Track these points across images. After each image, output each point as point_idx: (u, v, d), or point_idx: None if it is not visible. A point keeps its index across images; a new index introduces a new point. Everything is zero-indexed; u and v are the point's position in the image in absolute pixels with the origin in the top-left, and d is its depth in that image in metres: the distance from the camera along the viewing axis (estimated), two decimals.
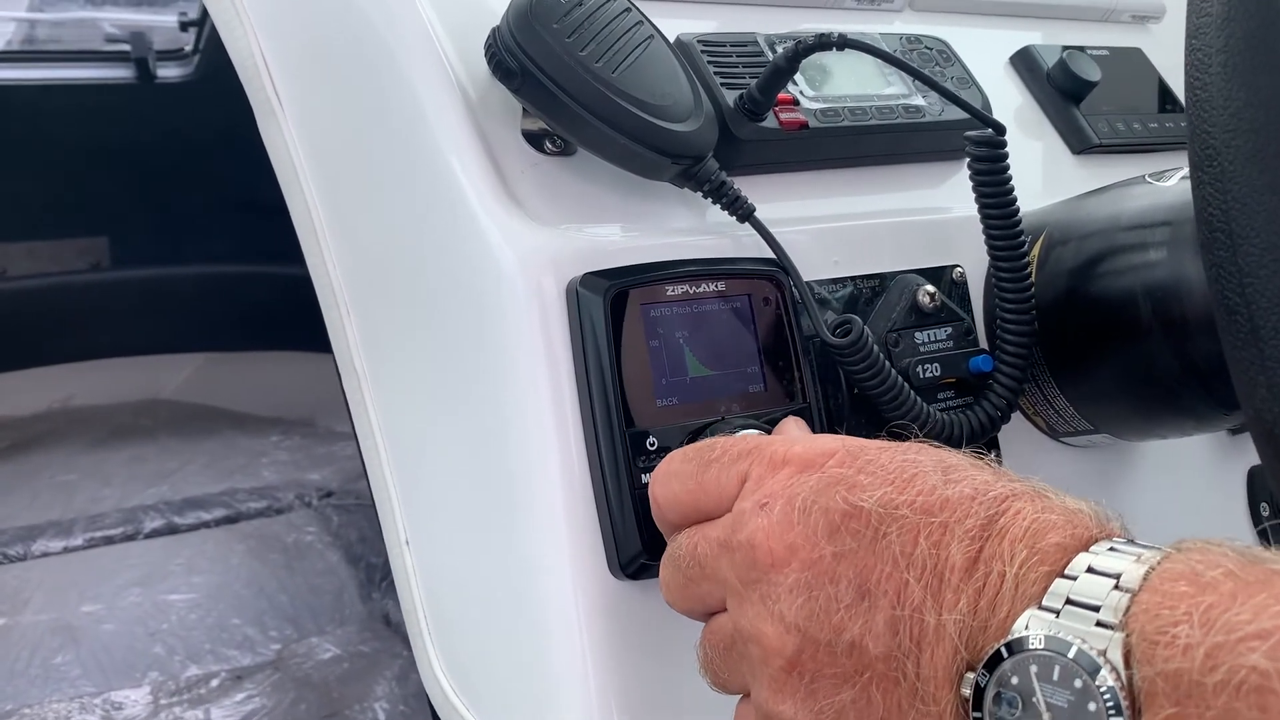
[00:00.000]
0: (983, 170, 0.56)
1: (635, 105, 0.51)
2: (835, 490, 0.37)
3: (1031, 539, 0.34)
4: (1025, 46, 0.77)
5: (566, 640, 0.49)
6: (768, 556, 0.37)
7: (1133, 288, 0.55)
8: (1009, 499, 0.36)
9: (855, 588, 0.35)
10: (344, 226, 0.62)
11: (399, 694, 1.45)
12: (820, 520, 0.37)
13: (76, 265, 2.20)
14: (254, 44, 0.62)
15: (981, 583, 0.34)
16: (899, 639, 0.35)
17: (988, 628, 0.33)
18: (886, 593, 0.35)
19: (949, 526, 0.35)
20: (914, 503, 0.36)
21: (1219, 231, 0.37)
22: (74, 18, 2.09)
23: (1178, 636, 0.29)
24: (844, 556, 0.36)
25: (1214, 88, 0.37)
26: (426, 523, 0.59)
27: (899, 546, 0.35)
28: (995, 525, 0.35)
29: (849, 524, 0.36)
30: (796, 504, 0.37)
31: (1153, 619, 0.30)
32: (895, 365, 0.56)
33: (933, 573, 0.34)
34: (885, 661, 0.35)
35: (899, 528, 0.36)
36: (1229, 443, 0.72)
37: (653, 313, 0.51)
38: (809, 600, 0.36)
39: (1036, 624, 0.32)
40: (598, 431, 0.49)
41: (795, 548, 0.37)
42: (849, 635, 0.35)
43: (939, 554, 0.35)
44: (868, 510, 0.36)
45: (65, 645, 1.55)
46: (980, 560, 0.34)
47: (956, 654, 0.34)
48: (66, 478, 1.99)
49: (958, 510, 0.35)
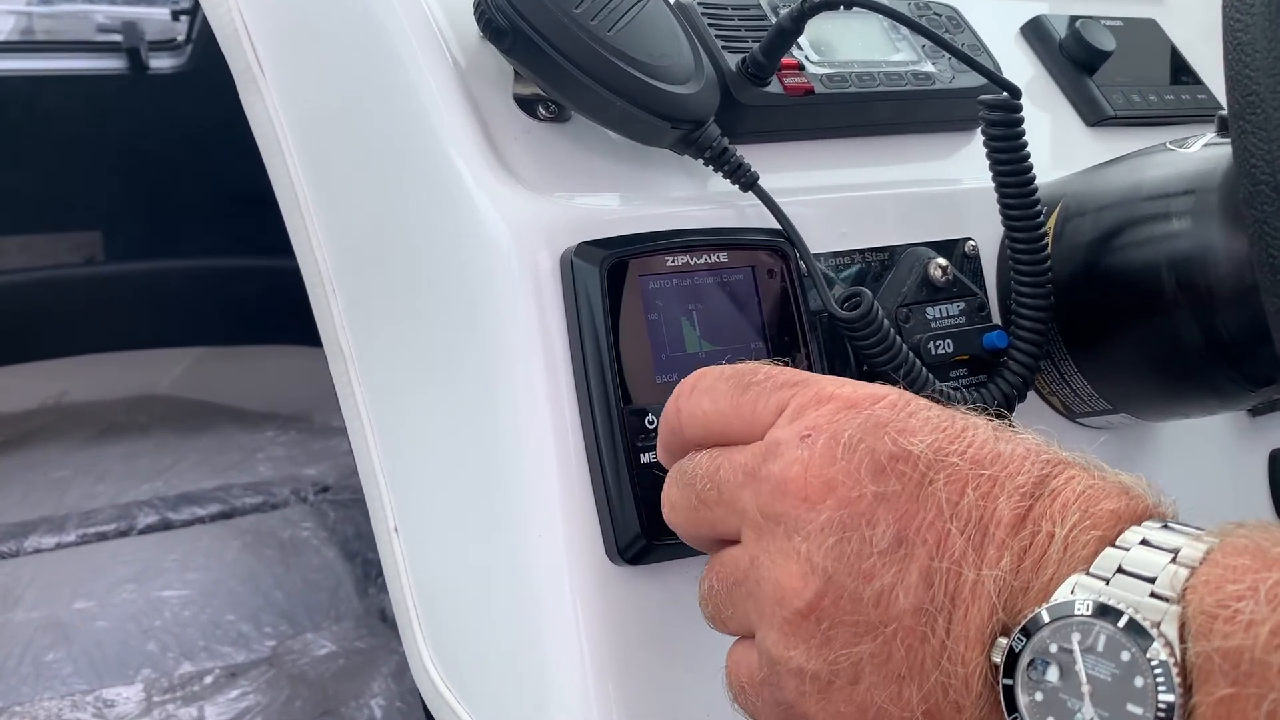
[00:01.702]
0: (998, 136, 0.53)
1: (632, 66, 0.48)
2: (884, 431, 0.34)
3: (1084, 503, 0.32)
4: (1037, 16, 0.74)
5: (562, 629, 0.47)
6: (801, 489, 0.34)
7: (1155, 259, 0.53)
8: (1062, 464, 0.33)
9: (893, 534, 0.33)
10: (329, 199, 0.59)
11: (395, 690, 1.43)
12: (865, 459, 0.34)
13: (70, 259, 2.17)
14: (235, 10, 0.59)
15: (1028, 541, 0.31)
16: (933, 592, 0.32)
17: (1029, 589, 0.31)
18: (926, 541, 0.32)
19: (999, 480, 0.33)
20: (965, 453, 0.33)
21: (1264, 184, 0.35)
22: (66, 9, 2.06)
23: (1240, 611, 0.27)
24: (885, 499, 0.33)
25: (1257, 29, 0.35)
26: (416, 509, 0.57)
27: (945, 495, 0.33)
28: (1047, 486, 0.33)
29: (895, 466, 0.34)
30: (842, 439, 0.35)
31: (1213, 591, 0.28)
32: (906, 341, 0.54)
33: (977, 525, 0.32)
34: (914, 615, 0.32)
35: (947, 476, 0.33)
36: (1250, 425, 0.69)
37: (651, 285, 0.48)
38: (840, 542, 0.33)
39: (1083, 590, 0.30)
40: (594, 409, 0.47)
41: (834, 484, 0.34)
42: (879, 583, 0.33)
43: (986, 506, 0.32)
44: (916, 454, 0.34)
45: (57, 642, 1.53)
46: (1029, 518, 0.32)
47: (993, 614, 0.31)
48: (60, 473, 1.97)
49: (1009, 465, 0.33)
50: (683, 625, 0.48)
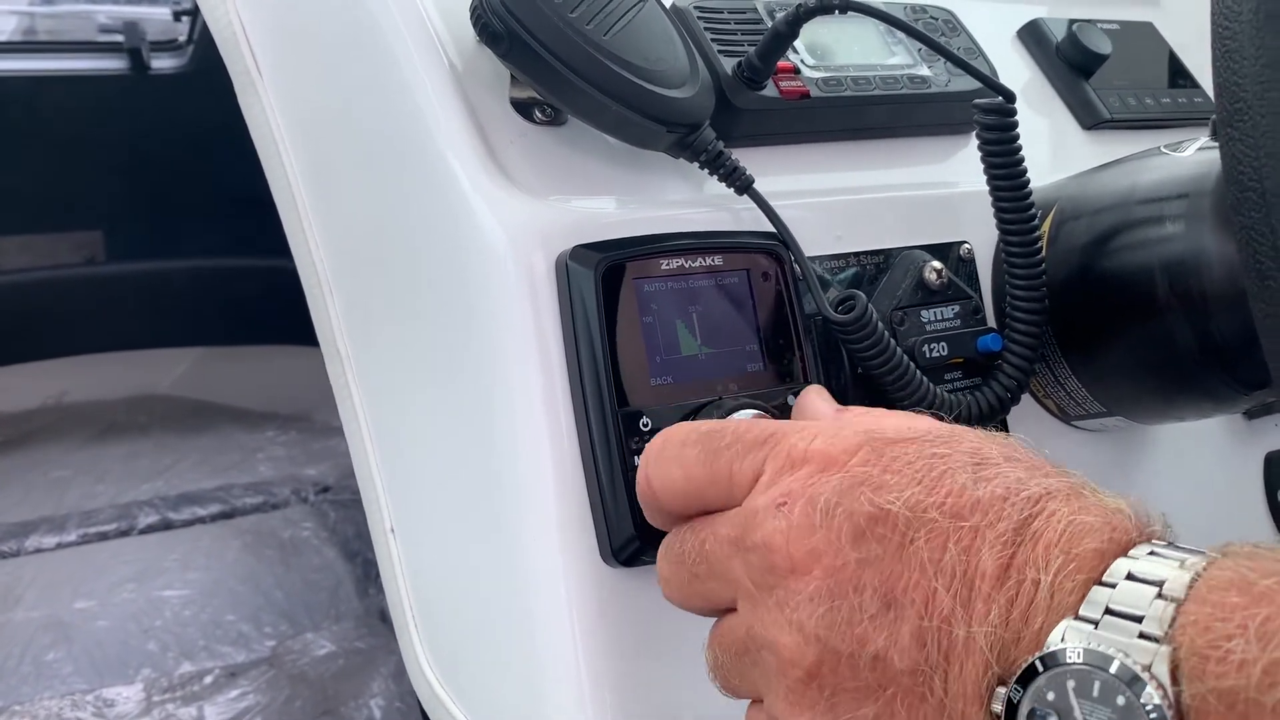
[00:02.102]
0: (992, 140, 0.53)
1: (628, 70, 0.49)
2: (860, 491, 0.34)
3: (1067, 544, 0.31)
4: (1034, 19, 0.75)
5: (557, 630, 0.47)
6: (787, 561, 0.35)
7: (1149, 263, 0.53)
8: (1043, 499, 0.33)
9: (881, 597, 0.33)
10: (326, 201, 0.59)
11: (394, 690, 1.43)
12: (845, 524, 0.34)
13: (71, 259, 2.18)
14: (232, 12, 0.59)
15: (1014, 591, 0.31)
16: (926, 652, 0.32)
17: (1021, 639, 0.31)
18: (914, 602, 0.32)
19: (980, 531, 0.32)
20: (943, 505, 0.33)
21: (1250, 191, 0.35)
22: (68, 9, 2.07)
23: (1232, 651, 0.27)
24: (869, 564, 0.33)
25: (1244, 36, 0.35)
26: (412, 509, 0.57)
27: (927, 553, 0.33)
28: (1029, 529, 0.32)
29: (875, 529, 0.34)
30: (818, 505, 0.35)
31: (1203, 632, 0.28)
32: (901, 344, 0.54)
33: (962, 581, 0.32)
34: (911, 676, 0.32)
35: (927, 533, 0.33)
36: (1245, 427, 0.69)
37: (647, 288, 0.48)
38: (830, 610, 0.34)
39: (1074, 636, 0.30)
40: (589, 412, 0.47)
41: (817, 553, 0.34)
42: (873, 648, 0.33)
43: (969, 560, 0.32)
44: (895, 513, 0.33)
45: (57, 642, 1.53)
46: (1013, 567, 0.32)
47: (988, 668, 0.31)
48: (60, 473, 1.97)
49: (989, 513, 0.33)
50: (676, 626, 0.48)
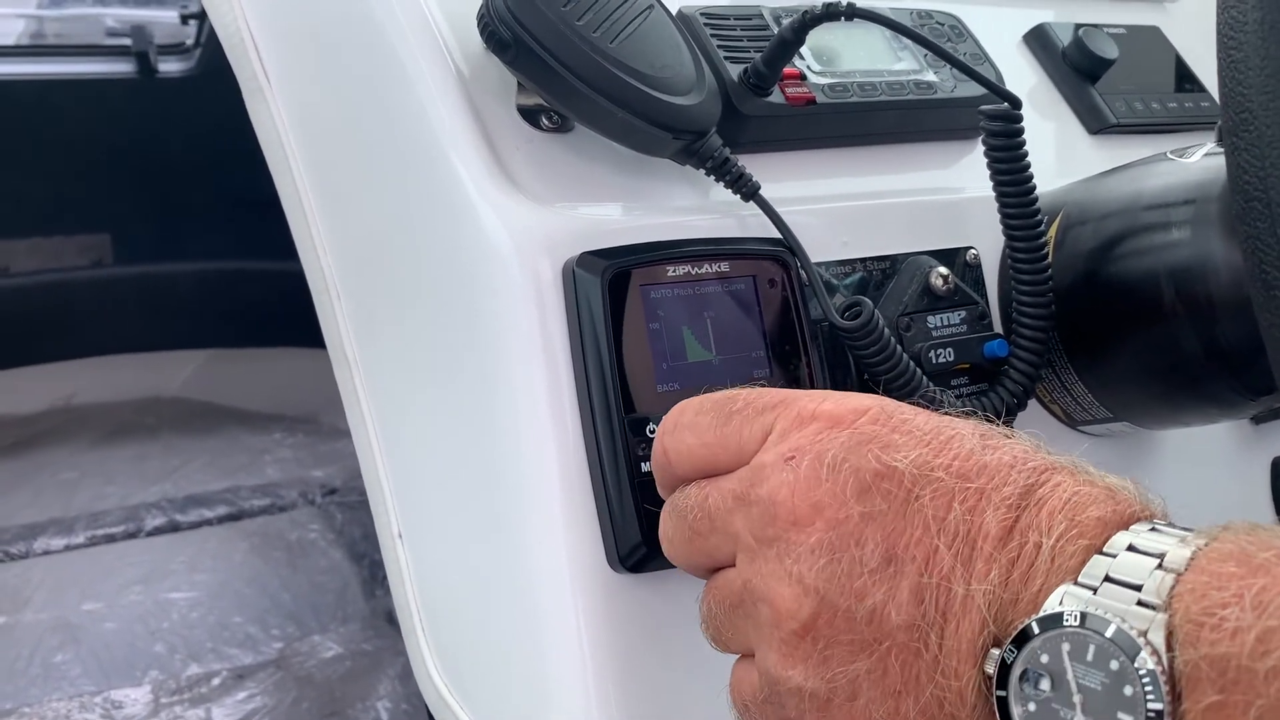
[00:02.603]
0: (998, 146, 0.53)
1: (634, 77, 0.49)
2: (867, 448, 0.35)
3: (1071, 511, 0.32)
4: (1040, 24, 0.75)
5: (564, 636, 0.47)
6: (790, 513, 0.35)
7: (1155, 269, 0.53)
8: (1049, 470, 0.33)
9: (882, 552, 0.33)
10: (334, 207, 0.60)
11: (401, 692, 1.43)
12: (850, 479, 0.34)
13: (79, 262, 2.18)
14: (240, 19, 0.60)
15: (1015, 553, 0.32)
16: (924, 608, 0.32)
17: (1019, 601, 0.31)
18: (915, 558, 0.33)
19: (985, 493, 0.33)
20: (950, 466, 0.34)
21: (1256, 201, 0.35)
22: (75, 13, 2.07)
23: (1226, 619, 0.27)
24: (872, 518, 0.34)
25: (1250, 46, 0.35)
26: (420, 515, 0.57)
27: (931, 511, 0.33)
28: (1033, 495, 0.33)
29: (880, 484, 0.34)
30: (825, 460, 0.35)
31: (1199, 599, 0.28)
32: (907, 350, 0.54)
33: (964, 540, 0.32)
34: (907, 631, 0.33)
35: (933, 491, 0.33)
36: (1252, 432, 0.69)
37: (653, 294, 0.48)
38: (831, 562, 0.34)
39: (1071, 600, 0.30)
40: (595, 418, 0.47)
41: (821, 506, 0.34)
42: (871, 602, 0.33)
43: (973, 520, 0.32)
44: (901, 471, 0.34)
45: (66, 644, 1.54)
46: (1016, 530, 0.32)
47: (984, 627, 0.31)
48: (68, 475, 1.98)
49: (995, 477, 0.33)
50: (683, 632, 0.48)
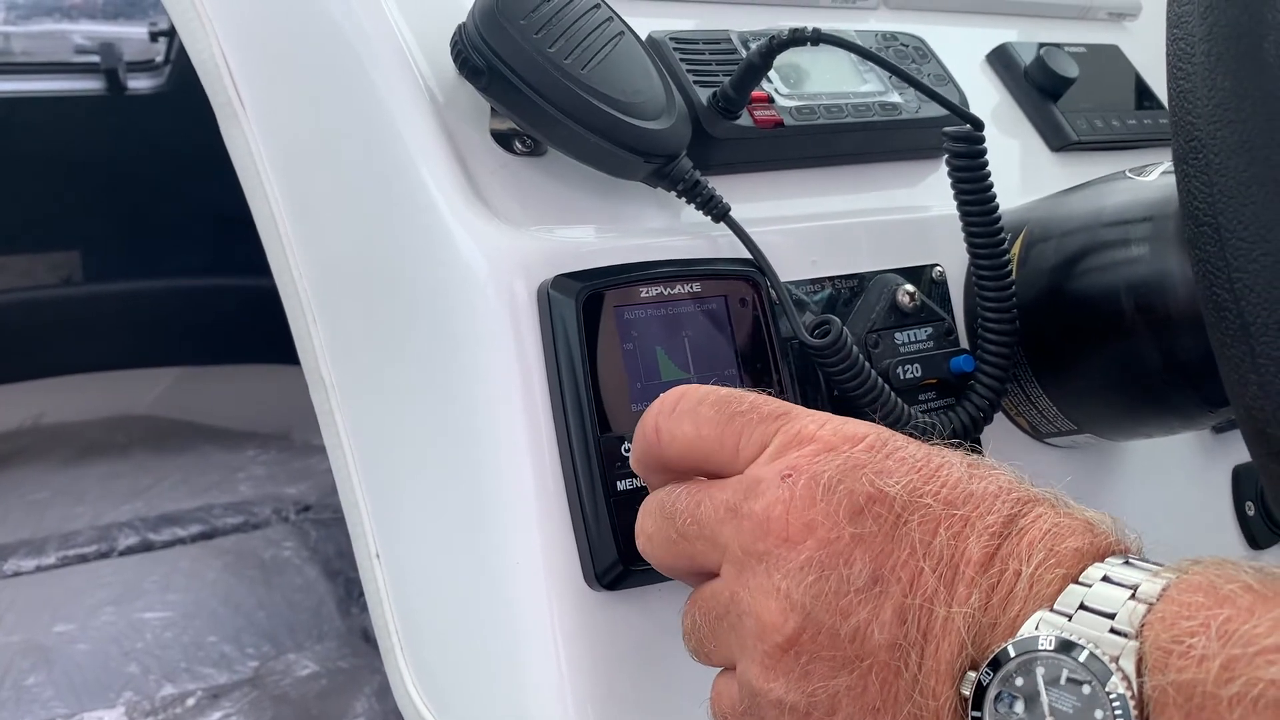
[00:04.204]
0: (961, 166, 0.55)
1: (606, 103, 0.50)
2: (862, 473, 0.36)
3: (1050, 541, 0.33)
4: (1002, 44, 0.76)
5: (542, 654, 0.48)
6: (783, 530, 0.36)
7: (1115, 284, 0.54)
8: (1031, 502, 0.35)
9: (870, 572, 0.34)
10: (309, 231, 0.60)
11: (378, 710, 1.43)
12: (844, 500, 0.36)
13: (47, 280, 2.17)
14: (215, 44, 0.60)
15: (996, 579, 0.33)
16: (906, 629, 0.34)
17: (997, 625, 0.33)
18: (900, 579, 0.34)
19: (970, 520, 0.34)
20: (938, 493, 0.35)
21: (1205, 226, 0.36)
22: (43, 29, 2.06)
23: (1193, 647, 0.28)
24: (862, 540, 0.35)
25: (1197, 78, 0.36)
26: (397, 535, 0.58)
27: (919, 535, 0.34)
28: (1015, 525, 0.34)
29: (872, 508, 0.35)
30: (821, 481, 0.36)
31: (1168, 628, 0.29)
32: (875, 366, 0.55)
33: (948, 564, 0.34)
34: (889, 651, 0.34)
35: (921, 517, 0.35)
36: (1213, 441, 0.71)
37: (627, 315, 0.49)
38: (819, 580, 0.35)
39: (1047, 626, 0.31)
40: (571, 437, 0.48)
41: (814, 525, 0.36)
42: (855, 620, 0.34)
43: (957, 545, 0.34)
44: (892, 496, 0.35)
45: (37, 666, 1.52)
46: (997, 557, 0.33)
47: (962, 649, 0.33)
48: (38, 495, 1.96)
49: (980, 505, 0.35)
50: (660, 649, 0.49)
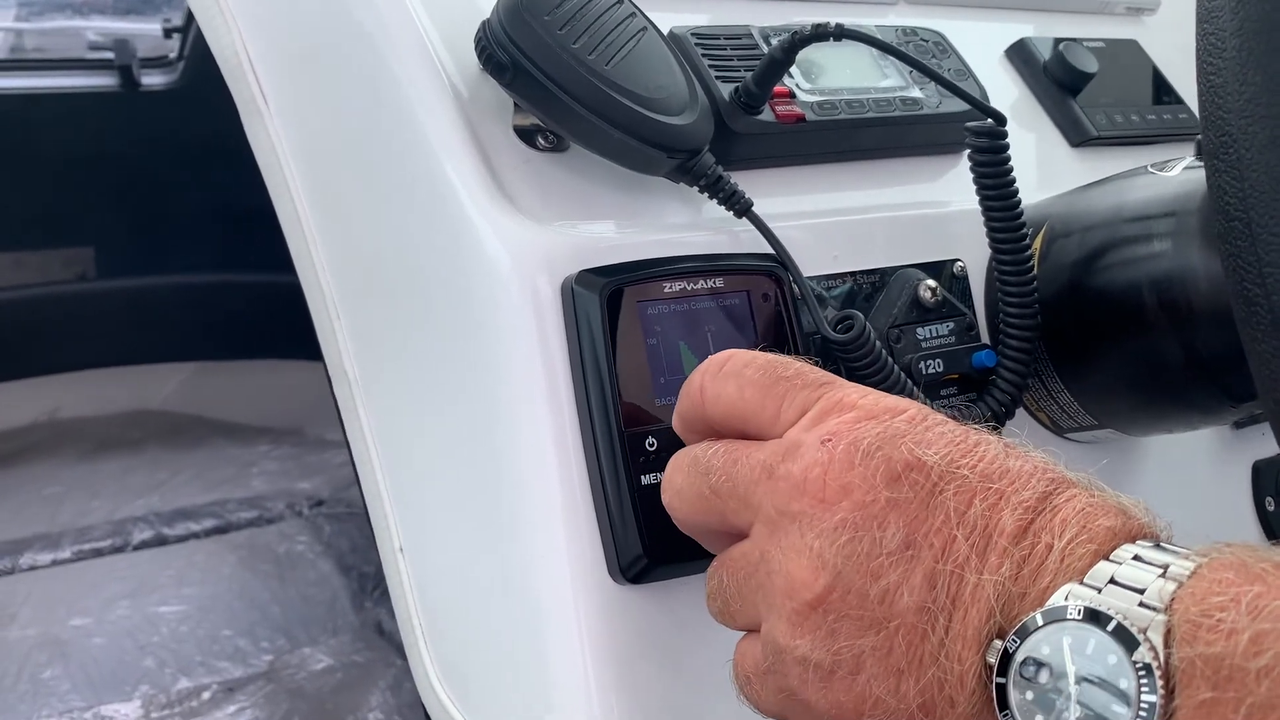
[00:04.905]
0: (984, 162, 0.55)
1: (629, 98, 0.50)
2: (901, 441, 0.37)
3: (1083, 519, 0.34)
4: (1021, 39, 0.76)
5: (566, 648, 0.48)
6: (819, 491, 0.36)
7: (1137, 280, 0.54)
8: (1065, 482, 0.35)
9: (903, 537, 0.35)
10: (333, 228, 0.60)
11: (393, 704, 1.43)
12: (881, 466, 0.36)
13: (62, 275, 2.18)
14: (238, 41, 0.60)
15: (1027, 551, 0.33)
16: (935, 593, 0.34)
17: (1026, 595, 0.33)
18: (932, 545, 0.34)
19: (1005, 494, 0.35)
20: (975, 466, 0.36)
21: (1236, 221, 0.36)
22: (57, 26, 2.07)
23: (1222, 621, 0.28)
24: (897, 505, 0.35)
25: (1228, 72, 0.36)
26: (421, 530, 0.58)
27: (954, 504, 0.35)
28: (1049, 502, 0.35)
29: (909, 475, 0.36)
30: (861, 446, 0.37)
31: (1198, 602, 0.29)
32: (897, 361, 0.55)
33: (981, 534, 0.34)
34: (916, 614, 0.34)
35: (956, 487, 0.35)
36: (1233, 437, 0.71)
37: (650, 310, 0.49)
38: (852, 541, 0.35)
39: (1076, 597, 0.32)
40: (595, 432, 0.48)
41: (850, 488, 0.36)
42: (885, 582, 0.35)
43: (991, 517, 0.34)
44: (930, 465, 0.36)
45: (54, 659, 1.53)
46: (1030, 530, 0.34)
47: (990, 617, 0.33)
48: (54, 490, 1.97)
49: (1016, 481, 0.35)
50: (684, 642, 0.49)
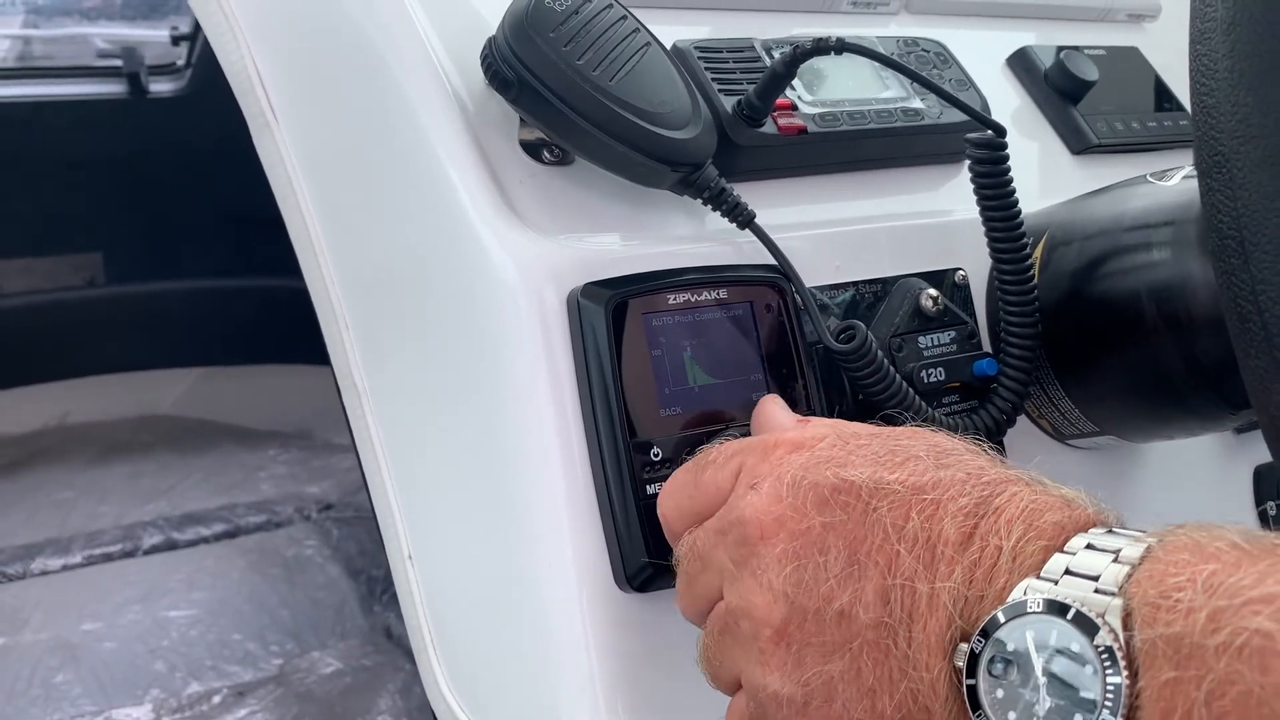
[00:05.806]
0: (984, 172, 0.55)
1: (633, 113, 0.50)
2: (826, 466, 0.38)
3: (1028, 518, 0.34)
4: (1022, 47, 0.77)
5: (573, 654, 0.49)
6: (756, 530, 0.38)
7: (1137, 288, 0.55)
8: (1005, 482, 0.36)
9: (845, 557, 0.36)
10: (342, 239, 0.61)
11: (402, 707, 1.44)
12: (809, 494, 0.37)
13: (71, 281, 2.19)
14: (247, 56, 0.61)
15: (976, 555, 0.34)
16: (890, 607, 0.35)
17: (984, 597, 0.33)
18: (877, 563, 0.35)
19: (941, 503, 0.35)
20: (905, 480, 0.36)
21: (1230, 239, 0.37)
22: (66, 34, 2.08)
23: (1180, 601, 0.29)
24: (833, 527, 0.36)
25: (1221, 94, 0.37)
26: (430, 537, 0.59)
27: (890, 520, 0.35)
28: (990, 505, 0.35)
29: (838, 497, 0.37)
30: (785, 479, 0.38)
31: (1155, 584, 0.30)
32: (899, 370, 0.56)
33: (924, 546, 0.35)
34: (875, 630, 0.35)
35: (889, 502, 0.36)
36: (1234, 442, 0.71)
37: (654, 322, 0.50)
38: (797, 569, 0.36)
39: (1034, 591, 0.32)
40: (601, 442, 0.49)
41: (783, 519, 0.37)
42: (838, 604, 0.35)
43: (931, 528, 0.35)
44: (858, 484, 0.36)
45: (65, 664, 1.54)
46: (975, 536, 0.34)
47: (951, 623, 0.34)
48: (64, 495, 1.98)
49: (950, 489, 0.36)
50: (689, 649, 0.49)
